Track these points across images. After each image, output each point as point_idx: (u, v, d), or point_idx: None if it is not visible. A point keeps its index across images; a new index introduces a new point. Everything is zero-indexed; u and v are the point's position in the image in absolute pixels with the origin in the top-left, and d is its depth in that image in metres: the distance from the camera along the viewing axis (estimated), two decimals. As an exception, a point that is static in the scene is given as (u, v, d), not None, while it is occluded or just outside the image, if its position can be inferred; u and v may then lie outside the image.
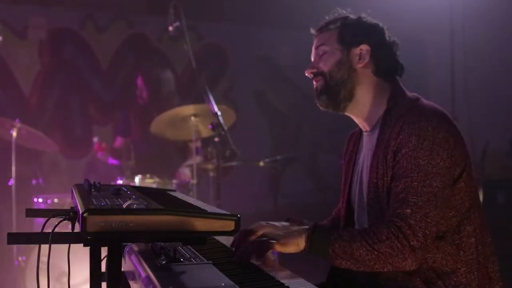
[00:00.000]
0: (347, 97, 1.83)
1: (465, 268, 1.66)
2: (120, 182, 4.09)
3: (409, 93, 1.82)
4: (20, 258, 3.90)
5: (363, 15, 1.89)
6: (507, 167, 5.35)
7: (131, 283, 1.50)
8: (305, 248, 1.65)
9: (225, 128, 3.72)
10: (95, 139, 4.51)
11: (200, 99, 3.98)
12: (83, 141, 5.41)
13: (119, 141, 4.67)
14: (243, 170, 5.08)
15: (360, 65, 1.82)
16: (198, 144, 4.12)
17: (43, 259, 1.53)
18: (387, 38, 1.86)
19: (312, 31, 1.93)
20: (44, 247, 1.49)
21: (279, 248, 1.65)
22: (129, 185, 2.39)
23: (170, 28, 3.73)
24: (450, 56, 5.66)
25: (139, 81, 4.55)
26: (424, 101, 1.77)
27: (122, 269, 1.40)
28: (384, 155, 1.71)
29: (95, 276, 1.49)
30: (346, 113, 1.89)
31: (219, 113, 3.69)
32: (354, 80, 1.82)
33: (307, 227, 1.69)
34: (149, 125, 4.23)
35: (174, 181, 4.12)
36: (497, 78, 5.51)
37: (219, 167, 3.88)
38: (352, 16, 1.88)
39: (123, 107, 4.84)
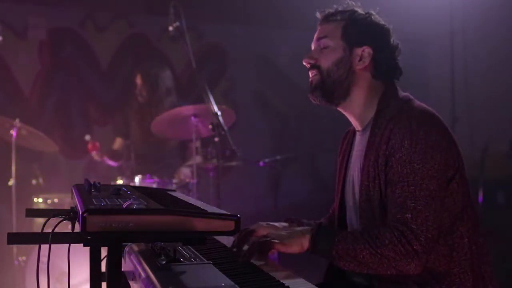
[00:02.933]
0: (341, 96, 1.82)
1: (458, 269, 1.66)
2: (120, 182, 4.09)
3: (401, 94, 1.80)
4: (20, 258, 3.90)
5: (372, 12, 1.84)
6: (507, 167, 5.35)
7: (131, 283, 1.49)
8: (309, 248, 1.64)
9: (225, 128, 3.72)
10: (87, 138, 4.41)
11: (200, 99, 3.98)
12: (83, 141, 5.41)
13: (118, 143, 4.65)
14: (243, 170, 5.07)
15: (359, 67, 1.80)
16: (198, 144, 4.11)
17: (43, 259, 1.53)
18: (391, 41, 1.82)
19: (318, 15, 1.88)
20: (44, 247, 1.49)
21: (282, 248, 1.64)
22: (129, 185, 2.39)
23: (170, 28, 3.72)
24: (450, 56, 5.67)
25: (138, 80, 4.54)
26: (416, 102, 1.75)
27: (122, 269, 1.40)
28: (375, 158, 1.69)
29: (95, 276, 1.49)
30: (339, 109, 1.87)
31: (219, 113, 3.69)
32: (351, 80, 1.80)
33: (310, 227, 1.68)
34: (148, 125, 4.23)
35: (174, 181, 4.12)
36: (497, 78, 5.51)
37: (219, 167, 3.88)
38: (360, 11, 1.83)
39: (123, 107, 4.83)
